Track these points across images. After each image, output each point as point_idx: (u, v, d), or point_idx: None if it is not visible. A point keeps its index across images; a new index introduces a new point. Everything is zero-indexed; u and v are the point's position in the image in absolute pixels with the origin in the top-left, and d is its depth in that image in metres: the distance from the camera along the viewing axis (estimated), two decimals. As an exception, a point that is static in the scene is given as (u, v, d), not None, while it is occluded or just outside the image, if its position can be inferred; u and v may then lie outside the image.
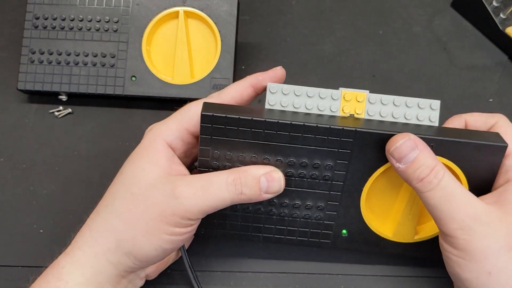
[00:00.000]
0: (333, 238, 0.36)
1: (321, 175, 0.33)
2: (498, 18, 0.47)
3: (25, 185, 0.42)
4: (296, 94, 0.33)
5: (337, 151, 0.32)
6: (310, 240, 0.36)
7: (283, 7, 0.51)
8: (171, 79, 0.44)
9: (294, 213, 0.35)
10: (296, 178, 0.33)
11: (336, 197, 0.34)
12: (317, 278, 0.38)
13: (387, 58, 0.49)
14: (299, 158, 0.32)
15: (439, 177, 0.30)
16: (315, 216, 0.35)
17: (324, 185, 0.34)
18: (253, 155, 0.32)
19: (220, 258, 0.39)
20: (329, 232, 0.36)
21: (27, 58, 0.44)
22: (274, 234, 0.36)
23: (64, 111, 0.46)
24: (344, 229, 0.36)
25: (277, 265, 0.38)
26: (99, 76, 0.44)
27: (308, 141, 0.32)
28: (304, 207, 0.34)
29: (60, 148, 0.44)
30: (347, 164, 0.33)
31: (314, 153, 0.32)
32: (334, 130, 0.31)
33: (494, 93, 0.46)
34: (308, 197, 0.34)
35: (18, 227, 0.41)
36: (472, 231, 0.29)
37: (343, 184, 0.34)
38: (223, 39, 0.44)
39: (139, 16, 0.45)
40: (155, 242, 0.30)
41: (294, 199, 0.34)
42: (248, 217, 0.35)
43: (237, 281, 0.38)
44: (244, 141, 0.32)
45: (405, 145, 0.30)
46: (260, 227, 0.35)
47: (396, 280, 0.38)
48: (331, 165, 0.33)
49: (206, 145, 0.32)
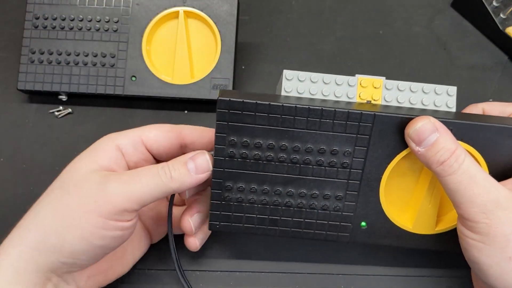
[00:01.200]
0: (352, 231, 0.35)
1: (339, 162, 0.32)
2: (498, 18, 0.47)
3: (25, 185, 0.42)
4: (313, 80, 0.33)
5: (356, 137, 0.32)
6: (328, 233, 0.35)
7: (283, 7, 0.51)
8: (171, 79, 0.44)
9: (312, 204, 0.34)
10: (314, 166, 0.33)
11: (355, 186, 0.33)
12: (317, 278, 0.38)
13: (387, 58, 0.49)
14: (317, 144, 0.32)
15: (460, 160, 0.29)
16: (333, 206, 0.34)
17: (342, 173, 0.33)
18: (270, 141, 0.32)
19: (220, 258, 0.39)
20: (347, 225, 0.34)
21: (27, 58, 0.44)
22: (291, 227, 0.35)
23: (64, 111, 0.46)
24: (363, 221, 0.34)
25: (277, 265, 0.38)
26: (99, 76, 0.44)
27: (326, 127, 0.31)
28: (322, 197, 0.34)
29: (60, 148, 0.44)
30: (366, 151, 0.32)
31: (332, 139, 0.32)
32: (353, 115, 0.31)
33: (494, 93, 0.46)
34: (326, 186, 0.33)
35: (18, 227, 0.41)
36: (494, 215, 0.29)
37: (362, 172, 0.33)
38: (223, 39, 0.44)
39: (139, 16, 0.45)
40: (83, 234, 0.29)
41: (312, 189, 0.33)
42: (265, 209, 0.34)
43: (237, 281, 0.38)
44: (261, 127, 0.31)
45: (424, 127, 0.30)
46: (277, 219, 0.34)
47: (396, 280, 0.38)
48: (349, 152, 0.32)
49: (222, 131, 0.31)
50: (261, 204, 0.34)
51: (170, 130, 0.34)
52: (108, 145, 0.32)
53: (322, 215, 0.34)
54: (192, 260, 0.38)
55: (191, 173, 0.32)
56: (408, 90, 0.33)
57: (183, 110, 0.46)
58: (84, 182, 0.30)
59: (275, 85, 0.46)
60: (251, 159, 0.32)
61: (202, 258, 0.38)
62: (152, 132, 0.34)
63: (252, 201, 0.34)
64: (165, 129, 0.34)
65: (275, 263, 0.38)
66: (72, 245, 0.29)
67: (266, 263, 0.38)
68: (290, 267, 0.38)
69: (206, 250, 0.39)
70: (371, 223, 0.34)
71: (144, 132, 0.34)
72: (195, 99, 0.44)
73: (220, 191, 0.33)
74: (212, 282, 0.38)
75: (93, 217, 0.29)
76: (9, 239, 0.30)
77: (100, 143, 0.33)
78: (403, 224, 0.35)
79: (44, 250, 0.29)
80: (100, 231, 0.30)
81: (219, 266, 0.38)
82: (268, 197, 0.34)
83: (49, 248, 0.29)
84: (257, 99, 0.31)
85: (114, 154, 0.32)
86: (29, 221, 0.30)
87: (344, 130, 0.31)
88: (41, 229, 0.29)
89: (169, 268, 0.38)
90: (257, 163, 0.32)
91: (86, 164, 0.31)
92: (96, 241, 0.30)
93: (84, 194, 0.30)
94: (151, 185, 0.30)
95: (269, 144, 0.32)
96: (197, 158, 0.32)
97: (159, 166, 0.31)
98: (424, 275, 0.38)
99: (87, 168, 0.31)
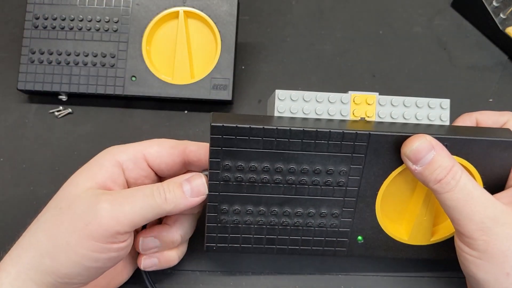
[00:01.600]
0: (349, 246, 0.35)
1: (335, 182, 0.33)
2: (498, 18, 0.47)
3: (25, 185, 0.42)
4: (305, 99, 0.33)
5: (351, 156, 0.32)
6: (325, 249, 0.35)
7: (283, 7, 0.51)
8: (171, 79, 0.44)
9: (308, 222, 0.34)
10: (310, 186, 0.33)
11: (351, 203, 0.34)
12: (317, 278, 0.38)
13: (387, 58, 0.49)
14: (313, 165, 0.32)
15: (457, 178, 0.30)
16: (330, 223, 0.34)
17: (338, 191, 0.33)
18: (265, 164, 0.32)
19: (220, 258, 0.39)
20: (344, 240, 0.35)
21: (27, 58, 0.44)
22: (289, 245, 0.35)
23: (64, 111, 0.46)
24: (359, 235, 0.35)
25: (277, 265, 0.38)
26: (99, 76, 0.44)
27: (321, 147, 0.31)
28: (318, 215, 0.34)
29: (60, 148, 0.44)
30: (361, 169, 0.32)
31: (327, 159, 0.32)
32: (348, 135, 0.31)
33: (494, 93, 0.46)
34: (322, 204, 0.34)
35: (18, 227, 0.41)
36: (492, 232, 0.29)
37: (358, 190, 0.33)
38: (223, 39, 0.44)
39: (139, 16, 0.45)
40: (75, 258, 0.29)
41: (308, 208, 0.34)
42: (262, 229, 0.34)
43: (237, 281, 0.38)
44: (255, 151, 0.31)
45: (421, 146, 0.30)
46: (274, 239, 0.35)
47: (396, 280, 0.38)
48: (345, 171, 0.32)
49: (216, 157, 0.31)
50: (257, 224, 0.34)
51: (174, 146, 0.33)
52: (107, 161, 0.32)
53: (319, 232, 0.35)
54: (192, 260, 0.38)
55: (186, 195, 0.31)
56: (402, 105, 0.33)
57: (183, 110, 0.46)
58: (77, 202, 0.30)
59: (275, 85, 0.46)
60: (246, 182, 0.32)
61: (202, 258, 0.38)
62: (154, 148, 0.33)
63: (248, 223, 0.34)
64: (169, 145, 0.33)
65: (275, 263, 0.38)
66: (66, 268, 0.29)
67: (266, 263, 0.38)
68: (290, 267, 0.38)
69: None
70: (367, 237, 0.35)
71: (146, 147, 0.33)
72: (195, 99, 0.44)
73: (215, 214, 0.33)
74: (212, 282, 0.38)
75: (86, 241, 0.29)
76: (9, 257, 0.30)
77: (100, 157, 0.32)
78: (399, 236, 0.35)
79: (40, 271, 0.29)
80: (93, 255, 0.29)
81: (219, 266, 0.38)
82: (264, 217, 0.34)
83: (45, 269, 0.29)
84: (250, 123, 0.31)
85: (113, 170, 0.32)
86: (27, 241, 0.30)
87: (340, 150, 0.32)
88: (37, 250, 0.29)
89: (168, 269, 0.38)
90: (252, 186, 0.33)
91: (83, 181, 0.31)
92: (90, 264, 0.29)
93: (76, 216, 0.29)
94: (144, 206, 0.30)
95: (264, 167, 0.32)
96: (193, 180, 0.31)
97: (154, 187, 0.30)
98: (424, 275, 0.38)
99: (83, 186, 0.30)
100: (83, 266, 0.29)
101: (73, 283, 0.30)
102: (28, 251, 0.29)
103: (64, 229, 0.29)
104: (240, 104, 0.46)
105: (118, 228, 0.29)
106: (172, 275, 0.38)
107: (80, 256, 0.29)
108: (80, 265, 0.29)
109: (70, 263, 0.29)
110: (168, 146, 0.33)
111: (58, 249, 0.29)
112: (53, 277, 0.29)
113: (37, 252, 0.29)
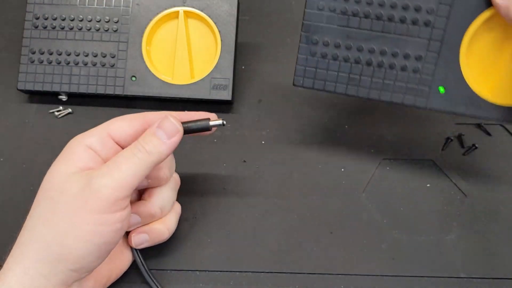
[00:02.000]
0: (429, 96, 0.34)
1: (422, 20, 0.33)
2: (498, 18, 0.47)
3: (25, 185, 0.42)
4: None
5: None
6: (405, 96, 0.35)
7: (283, 7, 0.51)
8: (171, 79, 0.44)
9: (392, 63, 0.34)
10: (397, 23, 0.33)
11: (436, 46, 0.34)
12: (317, 278, 0.38)
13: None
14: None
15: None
16: (413, 67, 0.34)
17: (424, 31, 0.33)
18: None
19: (220, 258, 0.39)
20: (425, 88, 0.34)
21: (27, 58, 0.45)
22: (370, 87, 0.35)
23: (64, 111, 0.46)
24: (441, 85, 0.34)
25: (277, 265, 0.38)
26: (99, 76, 0.44)
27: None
28: (402, 56, 0.34)
29: (60, 148, 0.44)
30: (449, 9, 0.33)
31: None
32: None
33: (494, 93, 0.46)
34: (408, 45, 0.34)
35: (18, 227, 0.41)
36: None
37: (443, 32, 0.33)
38: (223, 39, 0.44)
39: (139, 16, 0.45)
40: (83, 236, 0.29)
41: (393, 47, 0.34)
42: (346, 66, 0.35)
43: (237, 281, 0.38)
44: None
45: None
46: (357, 78, 0.35)
47: (396, 280, 0.38)
48: (433, 9, 0.33)
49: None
50: (343, 60, 0.35)
51: (134, 118, 0.34)
52: (78, 147, 0.32)
53: (401, 76, 0.35)
54: (192, 260, 0.38)
55: (163, 140, 0.32)
56: None
57: (183, 110, 0.46)
58: (68, 187, 0.30)
59: (275, 85, 0.46)
60: (338, 13, 0.33)
61: (202, 258, 0.38)
62: (115, 124, 0.33)
63: (335, 57, 0.35)
64: (128, 117, 0.34)
65: (275, 263, 0.38)
66: (76, 250, 0.29)
67: (266, 263, 0.38)
68: (290, 267, 0.38)
69: (205, 250, 0.39)
70: (449, 88, 0.34)
71: (108, 126, 0.33)
72: (195, 99, 0.44)
73: (307, 45, 0.35)
74: (211, 282, 0.38)
75: (89, 217, 0.29)
76: (12, 257, 0.30)
77: (71, 147, 0.33)
78: (483, 93, 0.34)
79: (49, 261, 0.29)
80: (99, 228, 0.29)
81: (219, 266, 0.38)
82: (350, 53, 0.35)
83: (55, 258, 0.29)
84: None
85: (87, 154, 0.32)
86: (27, 237, 0.30)
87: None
88: (41, 242, 0.29)
89: (166, 268, 0.38)
90: (344, 17, 0.34)
91: (64, 169, 0.31)
92: (98, 239, 0.30)
93: (73, 198, 0.29)
94: (132, 167, 0.30)
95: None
96: (163, 124, 0.32)
97: (131, 146, 0.31)
98: (424, 275, 0.38)
99: (66, 172, 0.31)
100: (92, 243, 0.29)
101: (84, 267, 0.30)
102: (31, 245, 0.29)
103: (64, 214, 0.29)
104: (240, 104, 0.46)
105: (117, 194, 0.30)
106: (172, 275, 0.38)
107: (88, 233, 0.29)
108: (90, 242, 0.29)
109: (81, 243, 0.29)
110: (128, 118, 0.34)
111: (64, 233, 0.29)
112: (64, 264, 0.29)
113: (42, 243, 0.29)
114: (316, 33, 0.35)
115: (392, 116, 0.44)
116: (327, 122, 0.45)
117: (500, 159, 0.43)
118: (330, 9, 0.34)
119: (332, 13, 0.34)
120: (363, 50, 0.34)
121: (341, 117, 0.45)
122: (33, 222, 0.30)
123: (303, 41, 0.36)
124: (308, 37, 0.35)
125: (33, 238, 0.30)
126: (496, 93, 0.34)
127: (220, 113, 0.44)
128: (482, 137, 0.44)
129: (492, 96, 0.34)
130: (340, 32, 0.35)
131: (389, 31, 0.34)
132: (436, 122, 0.44)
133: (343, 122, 0.45)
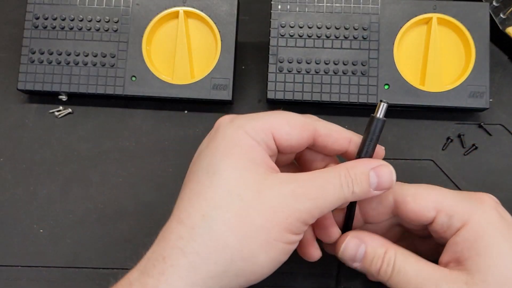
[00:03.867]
0: (377, 93, 0.42)
1: (360, 35, 0.43)
2: (498, 18, 0.47)
3: (25, 185, 0.42)
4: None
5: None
6: (359, 96, 0.42)
7: (283, 7, 0.51)
8: (171, 79, 0.44)
9: (345, 69, 0.42)
10: (335, 38, 0.43)
11: (374, 54, 0.42)
12: (317, 278, 0.38)
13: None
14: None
15: (391, 263, 0.29)
16: (361, 70, 0.42)
17: (364, 44, 0.42)
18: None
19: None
20: (374, 88, 0.42)
21: (27, 58, 0.44)
22: (331, 92, 0.42)
23: (64, 111, 0.46)
24: (385, 84, 0.42)
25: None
26: (99, 76, 0.44)
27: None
28: (351, 63, 0.42)
29: (60, 148, 0.44)
30: (378, 25, 0.42)
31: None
32: None
33: (494, 93, 0.46)
34: (352, 55, 0.42)
35: (18, 227, 0.41)
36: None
37: (379, 44, 0.42)
38: (223, 39, 0.44)
39: (139, 16, 0.45)
40: (274, 255, 0.26)
41: (345, 57, 0.43)
42: (308, 76, 0.43)
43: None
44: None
45: (349, 245, 0.30)
46: (319, 85, 0.43)
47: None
48: (368, 25, 0.42)
49: None
50: (306, 72, 0.43)
51: (304, 129, 0.30)
52: (251, 140, 0.28)
53: (353, 80, 0.42)
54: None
55: (370, 189, 0.28)
56: None
57: (183, 110, 0.46)
58: (268, 194, 0.27)
59: (275, 85, 0.46)
60: (297, 37, 0.44)
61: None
62: (284, 128, 0.29)
63: (299, 70, 0.43)
64: (299, 125, 0.30)
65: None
66: (262, 268, 0.26)
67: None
68: (290, 267, 0.38)
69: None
70: (392, 85, 0.42)
71: (273, 125, 0.29)
72: (195, 99, 0.44)
73: (274, 64, 0.44)
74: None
75: (284, 235, 0.27)
76: (174, 268, 0.25)
77: (241, 138, 0.28)
78: (418, 84, 0.42)
79: (227, 277, 0.26)
80: (288, 247, 0.27)
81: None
82: (311, 66, 0.43)
83: (234, 274, 0.26)
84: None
85: (262, 149, 0.28)
86: (202, 245, 0.25)
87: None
88: (225, 255, 0.25)
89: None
90: (301, 40, 0.44)
91: (253, 168, 0.27)
92: (283, 257, 0.28)
93: (274, 211, 0.26)
94: (333, 200, 0.28)
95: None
96: (381, 171, 0.29)
97: (341, 177, 0.28)
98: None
99: (261, 175, 0.27)
100: (279, 262, 0.27)
101: (252, 283, 0.27)
102: (208, 258, 0.25)
103: (259, 226, 0.26)
104: (240, 104, 0.46)
105: (310, 220, 0.28)
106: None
107: (278, 252, 0.27)
108: (276, 262, 0.27)
109: (269, 261, 0.27)
110: (299, 127, 0.30)
111: (256, 250, 0.26)
112: (239, 280, 0.26)
113: (226, 256, 0.25)
114: (281, 54, 0.43)
115: (392, 116, 0.44)
116: (327, 122, 0.45)
117: (500, 159, 0.43)
118: (290, 34, 0.43)
119: (291, 38, 0.43)
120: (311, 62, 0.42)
121: (341, 117, 0.45)
122: (210, 226, 0.26)
123: (272, 62, 0.43)
124: (275, 57, 0.43)
125: (214, 247, 0.25)
126: (427, 82, 0.42)
127: (220, 113, 0.44)
128: (482, 137, 0.44)
129: (425, 86, 0.42)
130: (300, 51, 0.43)
131: (329, 45, 0.43)
132: (436, 122, 0.44)
133: (342, 122, 0.45)
